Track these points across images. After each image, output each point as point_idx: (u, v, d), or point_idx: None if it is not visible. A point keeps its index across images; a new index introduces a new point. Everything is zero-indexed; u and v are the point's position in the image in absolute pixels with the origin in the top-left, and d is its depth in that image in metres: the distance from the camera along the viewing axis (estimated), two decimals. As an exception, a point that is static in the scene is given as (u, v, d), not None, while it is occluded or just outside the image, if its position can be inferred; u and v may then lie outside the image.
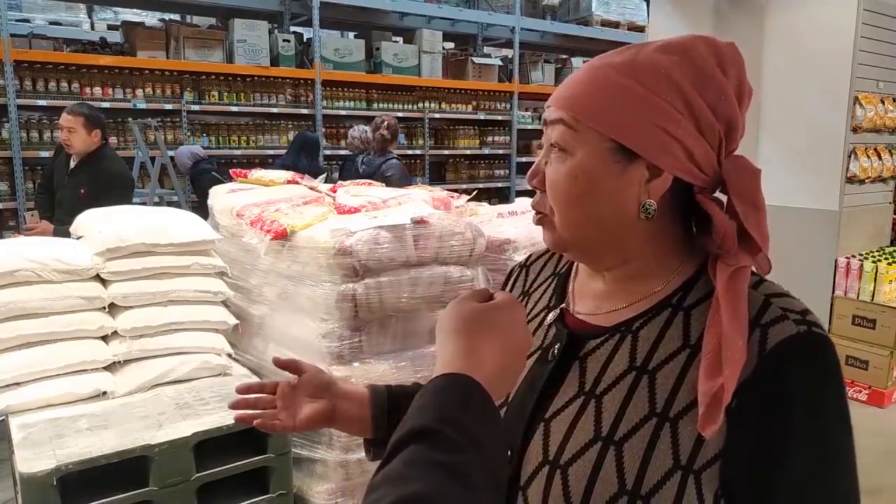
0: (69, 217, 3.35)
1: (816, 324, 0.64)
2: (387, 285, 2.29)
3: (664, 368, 0.66)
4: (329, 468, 2.27)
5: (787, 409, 0.60)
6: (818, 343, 0.63)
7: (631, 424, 0.65)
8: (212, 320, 2.37)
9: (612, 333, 0.71)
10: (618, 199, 0.67)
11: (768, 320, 0.63)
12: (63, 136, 3.49)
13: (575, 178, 0.68)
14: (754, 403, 0.61)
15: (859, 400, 3.80)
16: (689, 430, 0.62)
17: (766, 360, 0.61)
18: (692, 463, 0.62)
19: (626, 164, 0.66)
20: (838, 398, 0.63)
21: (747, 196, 0.66)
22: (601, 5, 8.20)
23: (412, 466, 0.51)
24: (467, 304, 0.67)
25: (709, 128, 0.66)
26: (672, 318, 0.68)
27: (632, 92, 0.65)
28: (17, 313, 2.09)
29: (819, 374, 0.62)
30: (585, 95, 0.67)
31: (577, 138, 0.68)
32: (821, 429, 0.61)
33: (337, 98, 6.68)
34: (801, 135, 4.02)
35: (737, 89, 0.68)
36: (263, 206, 2.56)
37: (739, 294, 0.63)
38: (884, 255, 4.03)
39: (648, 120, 0.65)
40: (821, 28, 3.88)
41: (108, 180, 3.51)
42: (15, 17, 6.31)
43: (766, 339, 0.62)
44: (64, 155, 3.64)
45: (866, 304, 3.80)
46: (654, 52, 0.67)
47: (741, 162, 0.68)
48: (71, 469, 1.76)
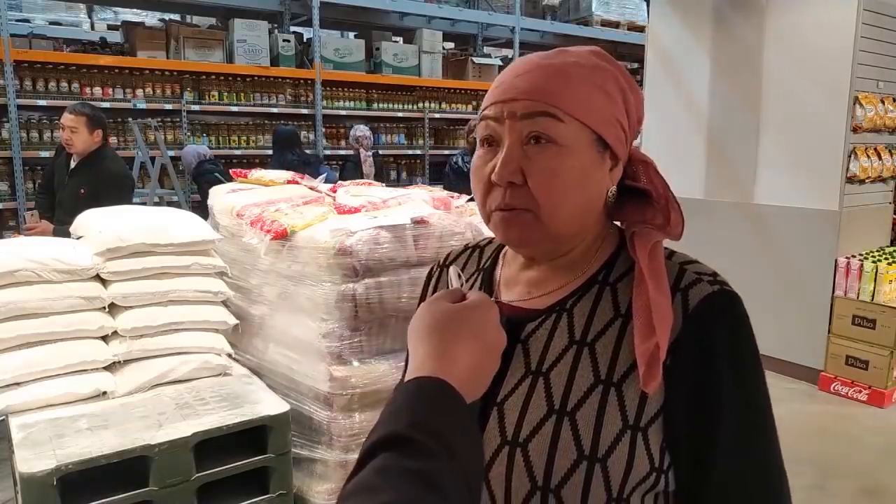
0: (69, 217, 3.34)
1: (726, 283, 0.72)
2: (387, 285, 2.29)
3: (602, 339, 0.71)
4: (329, 468, 2.27)
5: (714, 357, 0.68)
6: (730, 298, 0.70)
7: (580, 394, 0.69)
8: (212, 320, 2.37)
9: (549, 314, 0.74)
10: (599, 188, 0.73)
11: (686, 284, 0.70)
12: (65, 136, 3.47)
13: (572, 168, 0.70)
14: (686, 357, 0.67)
15: (859, 400, 3.80)
16: (632, 391, 0.68)
17: (690, 318, 0.68)
18: (639, 420, 0.67)
19: (602, 155, 0.72)
20: (754, 345, 0.71)
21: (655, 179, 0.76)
22: (601, 5, 8.20)
23: (383, 475, 0.50)
24: (439, 304, 0.68)
25: (632, 124, 0.75)
26: (601, 293, 0.74)
27: (600, 89, 0.71)
28: (17, 313, 2.09)
29: (735, 324, 0.70)
30: (568, 90, 0.70)
31: (567, 130, 0.70)
32: (743, 368, 0.69)
33: (337, 98, 6.68)
34: (801, 135, 4.02)
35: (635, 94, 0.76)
36: (263, 206, 2.56)
37: (659, 265, 0.70)
38: (884, 255, 4.03)
39: (612, 115, 0.72)
40: (821, 28, 3.88)
41: (108, 180, 3.51)
42: (15, 17, 6.31)
43: (688, 301, 0.69)
44: (65, 155, 3.64)
45: (866, 304, 3.80)
46: (596, 57, 0.74)
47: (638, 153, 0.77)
48: (71, 469, 1.76)
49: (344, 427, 2.24)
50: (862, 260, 3.85)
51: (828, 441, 3.38)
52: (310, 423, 2.31)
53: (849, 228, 3.97)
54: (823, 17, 3.87)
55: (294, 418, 2.20)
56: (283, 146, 5.23)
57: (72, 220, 3.27)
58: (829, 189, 3.92)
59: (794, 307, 4.10)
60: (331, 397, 2.24)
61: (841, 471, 3.05)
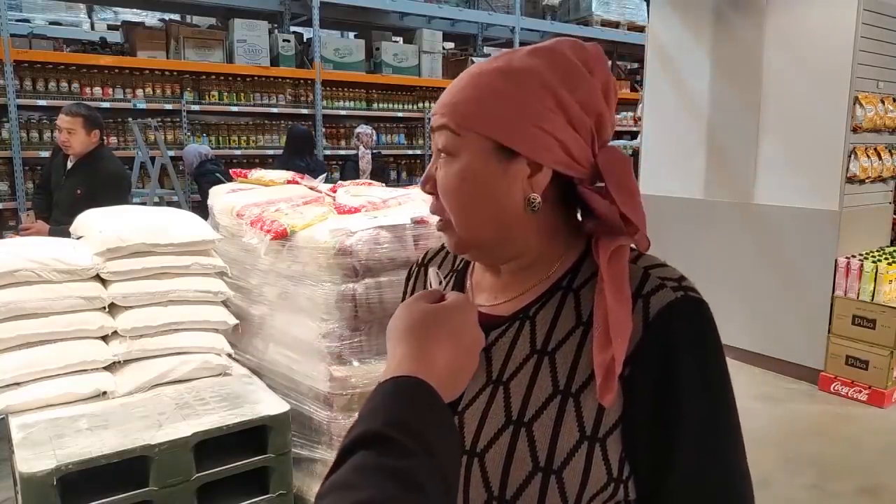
0: (66, 217, 3.33)
1: (692, 288, 0.69)
2: (387, 285, 2.29)
3: (562, 348, 0.69)
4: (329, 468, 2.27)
5: (677, 369, 0.65)
6: (695, 306, 0.67)
7: (538, 405, 0.68)
8: (212, 320, 2.37)
9: (512, 321, 0.73)
10: (505, 197, 0.70)
11: (648, 290, 0.68)
12: (62, 138, 3.45)
13: (463, 179, 0.70)
14: (645, 367, 0.65)
15: (859, 400, 3.80)
16: (590, 402, 0.66)
17: (650, 327, 0.66)
18: (596, 432, 0.66)
19: (507, 163, 0.69)
20: (719, 353, 0.68)
21: (621, 183, 0.70)
22: (601, 5, 8.20)
23: (361, 473, 0.51)
24: (418, 305, 0.68)
25: (580, 123, 0.69)
26: (564, 300, 0.72)
27: (508, 94, 0.68)
28: (17, 313, 2.09)
29: (698, 333, 0.67)
30: (466, 101, 0.70)
31: (461, 142, 0.70)
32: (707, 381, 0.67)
33: (337, 98, 6.68)
34: (801, 135, 4.02)
35: (603, 86, 0.71)
36: (263, 206, 2.56)
37: (620, 270, 0.67)
38: (884, 255, 4.03)
39: (525, 120, 0.68)
40: (821, 28, 3.88)
41: (104, 181, 3.49)
42: (15, 17, 6.31)
43: (649, 308, 0.66)
44: (62, 156, 3.61)
45: (866, 304, 3.80)
46: (526, 56, 0.70)
47: (613, 152, 0.72)
48: (71, 469, 1.76)
49: (344, 427, 2.24)
50: (862, 260, 3.85)
51: (828, 441, 3.38)
52: (310, 423, 2.31)
53: (849, 228, 3.97)
54: (823, 17, 3.87)
55: (294, 418, 2.20)
56: (294, 150, 5.15)
57: (69, 221, 3.26)
58: (829, 189, 3.92)
59: (794, 307, 4.10)
60: (331, 397, 2.24)
61: (841, 471, 3.05)
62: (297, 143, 5.20)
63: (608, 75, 0.72)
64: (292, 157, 5.06)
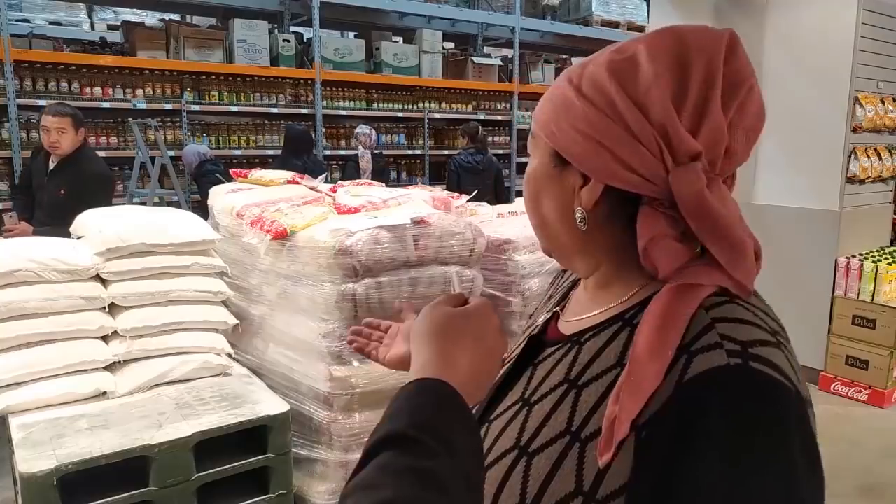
0: (49, 218, 3.33)
1: (763, 359, 0.53)
2: (387, 285, 2.29)
3: (592, 385, 0.62)
4: (329, 468, 2.27)
5: (696, 453, 0.50)
6: (749, 380, 0.52)
7: (546, 439, 0.62)
8: (212, 320, 2.37)
9: (566, 343, 0.69)
10: (558, 205, 0.67)
11: (700, 346, 0.54)
12: (52, 138, 3.37)
13: (527, 182, 0.71)
14: (663, 439, 0.52)
15: (859, 400, 3.80)
16: (594, 455, 0.57)
17: (680, 392, 0.53)
18: (595, 491, 0.56)
19: (561, 170, 0.66)
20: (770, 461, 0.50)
21: (689, 208, 0.58)
22: (601, 5, 8.19)
23: (385, 473, 0.51)
24: (441, 309, 0.68)
25: (642, 132, 0.58)
26: (618, 333, 0.63)
27: (568, 100, 0.63)
28: (17, 313, 2.09)
29: (744, 422, 0.50)
30: (542, 104, 0.69)
31: (534, 145, 0.70)
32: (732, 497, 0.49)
33: (337, 98, 6.68)
34: (801, 135, 4.02)
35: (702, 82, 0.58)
36: (263, 206, 2.56)
37: (672, 314, 0.56)
38: (884, 255, 4.03)
39: (575, 127, 0.62)
40: (821, 28, 3.89)
41: (90, 181, 3.46)
42: (15, 17, 6.31)
43: (688, 369, 0.53)
44: (43, 156, 3.55)
45: (866, 304, 3.80)
46: (607, 53, 0.63)
47: (687, 170, 0.58)
48: (71, 469, 1.76)
49: (344, 427, 2.24)
50: (862, 260, 3.85)
51: (828, 441, 3.37)
52: (310, 423, 2.31)
53: (849, 228, 3.97)
54: (823, 17, 3.87)
55: (294, 418, 2.20)
56: (291, 150, 5.13)
57: (52, 221, 3.26)
58: (829, 189, 3.92)
59: (794, 307, 4.09)
60: (331, 397, 2.24)
61: (841, 471, 3.05)
62: (295, 143, 5.18)
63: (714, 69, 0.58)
64: (290, 156, 5.04)
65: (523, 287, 2.69)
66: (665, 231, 0.60)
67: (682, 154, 0.58)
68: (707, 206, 0.58)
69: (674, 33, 0.61)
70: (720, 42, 0.60)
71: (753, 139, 0.62)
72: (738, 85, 0.59)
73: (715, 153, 0.59)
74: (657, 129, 0.58)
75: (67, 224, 3.01)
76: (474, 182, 5.24)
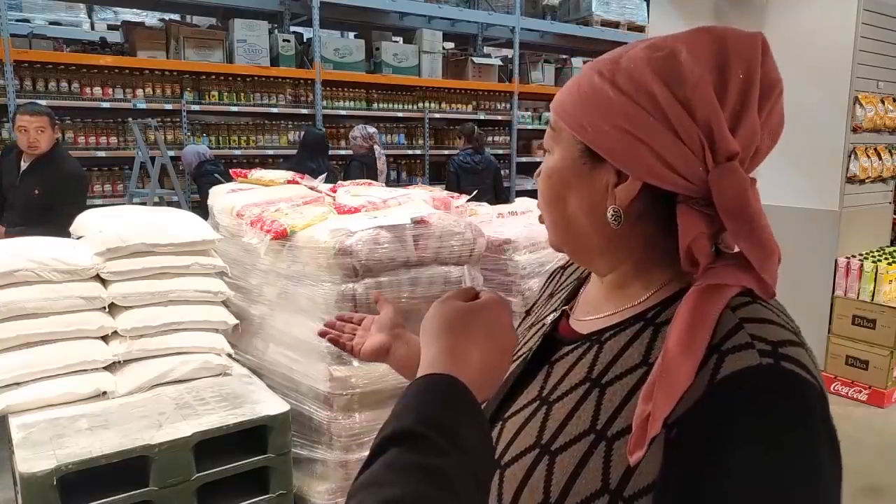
0: (21, 219, 3.31)
1: (792, 358, 0.55)
2: (387, 285, 2.29)
3: (616, 384, 0.62)
4: (329, 468, 2.27)
5: (725, 454, 0.52)
6: (782, 380, 0.53)
7: (569, 437, 0.63)
8: (212, 320, 2.37)
9: (584, 342, 0.69)
10: (586, 203, 0.66)
11: (731, 346, 0.55)
12: (31, 138, 3.35)
13: (549, 177, 0.69)
14: (693, 438, 0.54)
15: (859, 400, 3.80)
16: (622, 453, 0.58)
17: (713, 391, 0.54)
18: (622, 489, 0.57)
19: (592, 167, 0.65)
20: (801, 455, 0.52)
21: (732, 209, 0.58)
22: (601, 5, 8.19)
23: (393, 470, 0.50)
24: (451, 303, 0.67)
25: (685, 131, 0.59)
26: (640, 333, 0.64)
27: (602, 92, 0.62)
28: (17, 313, 2.09)
29: (775, 419, 0.52)
30: (565, 96, 0.67)
31: (556, 139, 0.68)
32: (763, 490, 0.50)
33: (337, 98, 6.68)
34: (801, 135, 4.02)
35: (742, 85, 0.59)
36: (263, 206, 2.56)
37: (703, 313, 0.57)
38: (884, 255, 4.03)
39: (613, 122, 0.61)
40: (821, 28, 3.89)
41: (66, 181, 3.45)
42: (15, 17, 6.31)
43: (721, 368, 0.54)
44: (14, 155, 3.52)
45: (866, 304, 3.80)
46: (641, 50, 0.62)
47: (729, 170, 0.59)
48: (71, 469, 1.76)
49: (344, 427, 2.24)
50: (862, 260, 3.85)
51: (828, 441, 3.38)
52: (310, 423, 2.31)
53: (849, 228, 3.97)
54: (823, 17, 3.87)
55: (294, 418, 2.20)
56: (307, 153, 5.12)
57: (25, 222, 3.25)
58: (829, 189, 3.92)
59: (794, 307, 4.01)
60: (331, 397, 2.24)
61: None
62: (312, 147, 5.18)
63: (752, 73, 0.60)
64: (304, 159, 5.04)
65: (523, 287, 2.69)
66: (704, 230, 0.60)
67: (721, 154, 0.59)
68: (750, 206, 0.59)
69: (712, 33, 0.61)
70: (757, 44, 0.61)
71: (776, 140, 0.65)
72: (771, 87, 0.62)
73: (747, 154, 0.61)
74: (702, 128, 0.59)
75: (40, 224, 3.00)
76: (473, 182, 5.23)
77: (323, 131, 5.85)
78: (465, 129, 6.07)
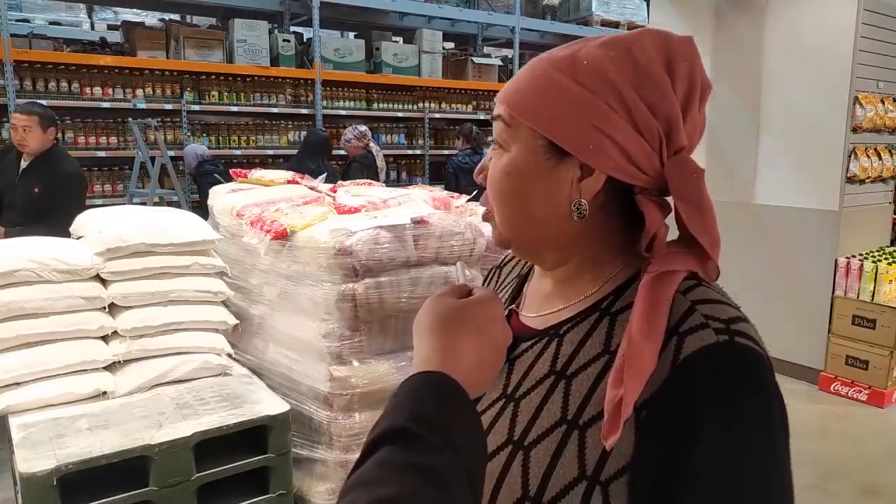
0: (21, 218, 3.32)
1: (743, 333, 0.58)
2: (387, 285, 2.29)
3: (581, 374, 0.64)
4: (329, 468, 2.27)
5: (694, 426, 0.55)
6: (738, 355, 0.57)
7: (541, 430, 0.64)
8: (212, 320, 2.37)
9: (542, 336, 0.70)
10: (549, 197, 0.66)
11: (687, 328, 0.59)
12: (18, 136, 3.38)
13: (508, 174, 0.67)
14: (662, 417, 0.57)
15: (859, 400, 3.80)
16: (596, 439, 0.60)
17: (676, 371, 0.57)
18: (598, 473, 0.59)
19: (557, 162, 0.65)
20: (760, 421, 0.56)
21: (688, 197, 0.62)
22: (601, 5, 8.20)
23: (385, 468, 0.50)
24: (444, 300, 0.66)
25: (646, 126, 0.62)
26: (598, 323, 0.66)
27: (565, 88, 0.63)
28: (17, 313, 2.09)
29: (736, 389, 0.56)
30: (522, 91, 0.66)
31: (512, 134, 0.67)
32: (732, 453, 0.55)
33: (337, 98, 6.68)
34: (801, 135, 4.02)
35: (686, 85, 0.64)
36: (263, 206, 2.56)
37: (659, 298, 0.59)
38: (884, 255, 4.03)
39: (580, 117, 0.62)
40: (821, 28, 3.89)
41: (65, 180, 3.46)
42: (15, 17, 6.31)
43: (681, 349, 0.58)
44: (14, 155, 3.54)
45: (866, 304, 3.80)
46: (596, 48, 0.64)
47: (684, 161, 0.63)
48: (71, 469, 1.76)
49: (344, 427, 2.24)
50: (862, 260, 3.85)
51: (828, 441, 3.38)
52: (310, 423, 2.31)
53: (849, 228, 3.97)
54: (823, 17, 3.87)
55: (294, 418, 2.20)
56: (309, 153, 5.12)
57: (24, 221, 3.25)
58: (829, 189, 3.92)
59: (794, 307, 4.10)
60: (331, 397, 2.24)
61: (841, 471, 3.05)
62: (314, 147, 5.18)
63: (694, 73, 0.64)
64: (304, 159, 5.04)
65: (523, 287, 2.69)
66: (662, 219, 0.64)
67: (674, 148, 0.64)
68: (704, 194, 0.63)
69: (657, 35, 0.64)
70: (695, 47, 0.66)
71: (700, 139, 0.69)
72: (705, 89, 0.66)
73: (691, 148, 0.66)
74: (662, 124, 0.62)
75: (40, 224, 3.00)
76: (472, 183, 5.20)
77: (327, 133, 5.85)
78: (464, 129, 6.07)
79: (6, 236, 3.10)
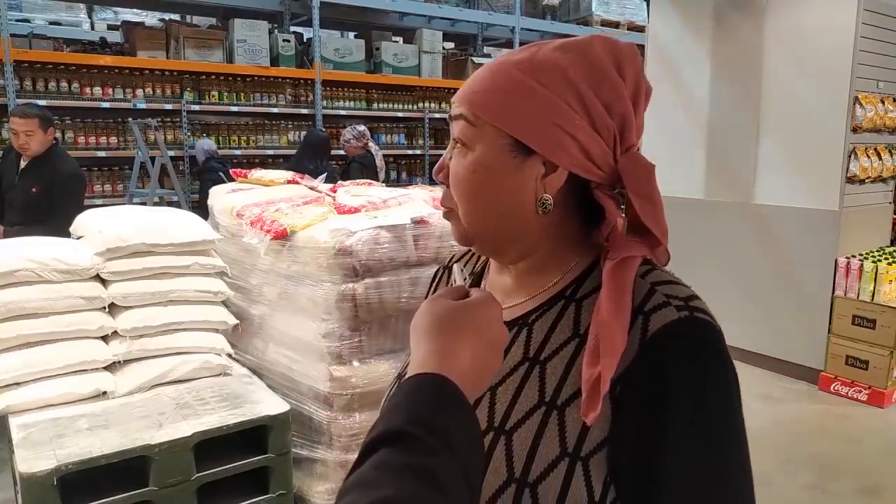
0: (21, 218, 3.32)
1: (700, 309, 0.64)
2: (387, 285, 2.29)
3: (554, 358, 0.68)
4: (329, 468, 2.27)
5: (667, 395, 0.61)
6: (699, 329, 0.63)
7: (521, 414, 0.67)
8: (212, 320, 2.37)
9: (511, 327, 0.72)
10: (515, 194, 0.69)
11: (651, 307, 0.64)
12: (20, 141, 3.37)
13: (474, 172, 0.69)
14: (636, 390, 0.62)
15: (859, 400, 3.80)
16: (574, 418, 0.64)
17: (646, 346, 0.62)
18: (579, 450, 0.63)
19: (522, 160, 0.68)
20: (722, 385, 0.63)
21: (642, 191, 0.67)
22: (601, 5, 8.20)
23: (383, 470, 0.50)
24: (441, 302, 0.66)
25: (603, 125, 0.67)
26: (564, 310, 0.70)
27: (529, 89, 0.66)
28: (17, 313, 2.09)
29: (699, 359, 0.62)
30: (485, 92, 0.68)
31: (476, 134, 0.69)
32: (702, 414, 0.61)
33: (337, 98, 6.68)
34: (801, 135, 4.02)
35: (633, 88, 0.68)
36: (263, 206, 2.56)
37: (623, 282, 0.64)
38: (884, 255, 4.03)
39: (544, 117, 0.66)
40: (821, 28, 3.88)
41: (64, 180, 3.46)
42: (15, 17, 6.32)
43: (648, 326, 0.63)
44: (14, 156, 3.54)
45: (866, 304, 3.80)
46: (552, 51, 0.68)
47: (637, 158, 0.69)
48: (71, 469, 1.76)
49: (344, 427, 2.24)
50: (862, 260, 3.85)
51: (828, 441, 3.38)
52: (310, 423, 2.31)
53: (849, 228, 3.97)
54: (823, 17, 3.87)
55: (294, 418, 2.20)
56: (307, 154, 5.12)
57: (24, 221, 3.25)
58: (829, 189, 3.92)
59: (794, 307, 4.10)
60: (331, 397, 2.24)
61: (841, 471, 3.05)
62: (313, 147, 5.18)
63: (640, 77, 0.69)
64: (303, 159, 5.04)
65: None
66: (619, 211, 0.69)
67: (626, 146, 0.69)
68: (655, 187, 0.68)
69: (605, 41, 0.69)
70: (638, 53, 0.71)
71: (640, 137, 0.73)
72: (649, 91, 0.71)
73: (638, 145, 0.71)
74: (618, 124, 0.67)
75: (39, 223, 3.00)
76: None
77: (326, 133, 5.85)
78: None
79: (6, 236, 3.10)
